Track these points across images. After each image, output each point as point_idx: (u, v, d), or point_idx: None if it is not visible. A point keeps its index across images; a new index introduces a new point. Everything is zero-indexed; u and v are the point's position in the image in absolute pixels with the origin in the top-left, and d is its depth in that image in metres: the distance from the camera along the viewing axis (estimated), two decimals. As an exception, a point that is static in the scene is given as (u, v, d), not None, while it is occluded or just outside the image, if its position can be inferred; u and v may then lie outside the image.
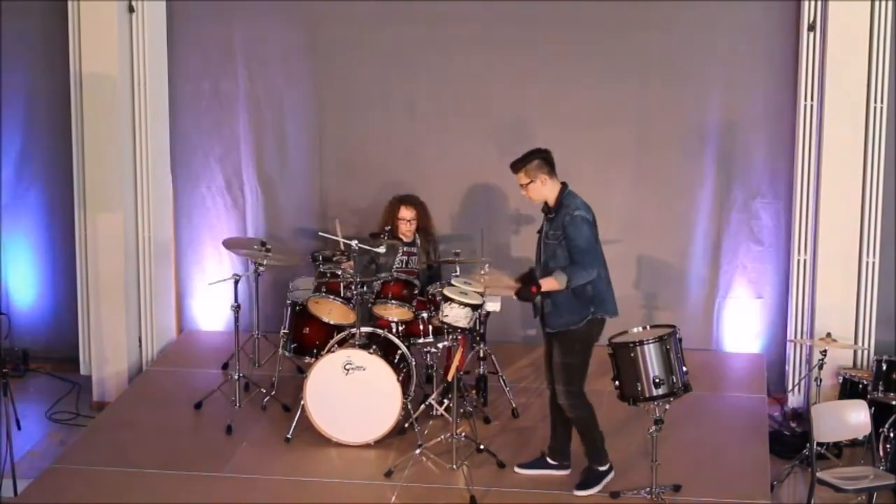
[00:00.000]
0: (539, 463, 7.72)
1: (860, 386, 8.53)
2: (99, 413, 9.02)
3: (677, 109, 9.33)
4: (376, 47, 9.55)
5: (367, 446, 8.03)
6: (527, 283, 7.29)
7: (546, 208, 7.42)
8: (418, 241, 8.88)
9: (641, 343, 7.09)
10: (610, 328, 7.39)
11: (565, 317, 7.30)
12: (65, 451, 8.32)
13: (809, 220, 8.98)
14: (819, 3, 8.72)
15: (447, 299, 7.97)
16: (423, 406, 8.24)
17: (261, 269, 8.69)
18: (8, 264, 9.94)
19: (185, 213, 9.89)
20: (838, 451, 8.27)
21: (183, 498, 7.53)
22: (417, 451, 7.80)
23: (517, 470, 7.73)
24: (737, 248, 9.43)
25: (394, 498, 7.50)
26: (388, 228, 8.59)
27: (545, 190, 7.36)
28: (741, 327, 9.51)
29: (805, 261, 9.05)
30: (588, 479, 7.49)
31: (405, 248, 8.81)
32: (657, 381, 7.05)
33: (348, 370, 7.97)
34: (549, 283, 7.24)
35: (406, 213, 8.82)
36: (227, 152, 9.83)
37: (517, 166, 7.38)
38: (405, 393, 8.08)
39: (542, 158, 7.35)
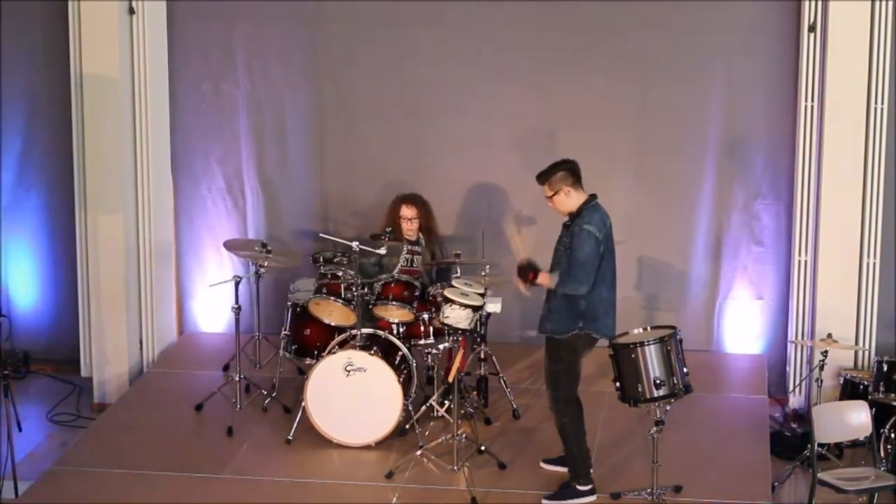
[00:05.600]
0: (560, 460, 7.71)
1: (861, 387, 8.52)
2: (99, 415, 9.02)
3: (678, 110, 9.32)
4: (377, 47, 9.54)
5: (367, 448, 8.03)
6: (528, 266, 7.31)
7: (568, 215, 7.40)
8: (422, 241, 8.87)
9: (642, 344, 7.08)
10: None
11: (554, 323, 7.30)
12: (65, 452, 8.32)
13: (810, 221, 8.97)
14: (819, 4, 8.71)
15: (448, 300, 7.96)
16: (423, 407, 8.24)
17: (262, 270, 8.69)
18: (8, 266, 9.93)
19: (186, 214, 9.89)
20: (839, 451, 8.26)
21: (184, 499, 7.53)
22: (418, 453, 7.81)
23: (542, 464, 7.77)
24: (737, 249, 9.42)
25: (395, 499, 7.50)
26: (389, 230, 8.59)
27: (570, 202, 7.29)
28: (742, 328, 9.50)
29: (806, 262, 9.04)
30: (562, 493, 7.42)
31: (409, 248, 8.80)
32: (658, 382, 7.05)
33: (349, 371, 7.97)
34: (544, 276, 7.27)
35: (407, 211, 8.81)
36: (227, 154, 9.82)
37: (541, 179, 7.31)
38: (406, 394, 8.08)
39: (566, 170, 7.28)
